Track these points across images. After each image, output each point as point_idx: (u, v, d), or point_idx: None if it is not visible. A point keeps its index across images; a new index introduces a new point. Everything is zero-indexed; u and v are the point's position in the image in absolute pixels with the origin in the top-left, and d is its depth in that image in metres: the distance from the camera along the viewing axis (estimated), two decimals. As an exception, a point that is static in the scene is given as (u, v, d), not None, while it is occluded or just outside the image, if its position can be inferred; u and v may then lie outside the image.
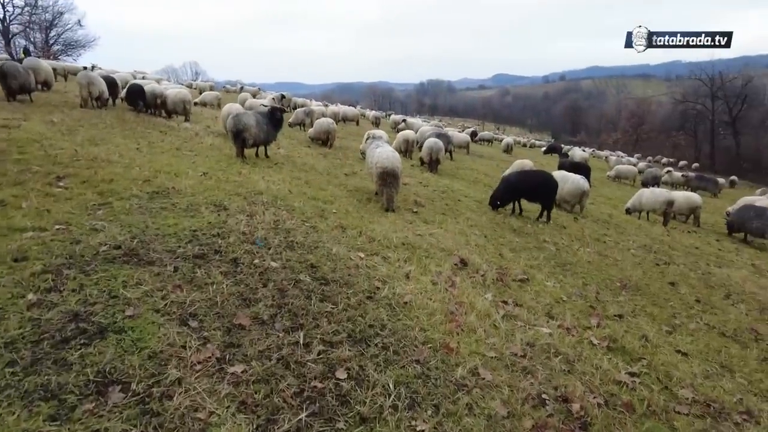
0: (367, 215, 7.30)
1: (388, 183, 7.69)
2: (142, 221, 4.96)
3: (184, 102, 14.71)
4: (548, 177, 9.38)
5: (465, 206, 9.64)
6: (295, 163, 10.30)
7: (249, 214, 5.88)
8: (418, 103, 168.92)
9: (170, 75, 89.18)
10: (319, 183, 8.76)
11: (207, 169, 7.92)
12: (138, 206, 5.45)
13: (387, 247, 5.98)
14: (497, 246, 7.25)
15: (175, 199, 5.95)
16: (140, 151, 8.51)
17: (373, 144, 8.47)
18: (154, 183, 6.45)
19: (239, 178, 7.78)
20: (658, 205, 12.62)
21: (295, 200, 7.07)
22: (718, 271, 8.78)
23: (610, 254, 8.27)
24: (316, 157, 12.01)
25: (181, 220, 5.18)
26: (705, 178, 27.69)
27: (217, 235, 4.91)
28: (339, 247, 5.41)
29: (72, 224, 4.60)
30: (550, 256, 7.35)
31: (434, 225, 7.57)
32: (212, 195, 6.41)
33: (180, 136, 10.82)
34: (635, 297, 6.44)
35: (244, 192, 6.93)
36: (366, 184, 9.79)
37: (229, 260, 4.40)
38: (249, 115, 9.15)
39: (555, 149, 36.76)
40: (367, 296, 4.35)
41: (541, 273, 6.47)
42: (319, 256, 4.99)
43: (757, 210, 12.45)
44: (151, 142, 9.59)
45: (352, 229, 6.33)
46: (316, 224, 6.14)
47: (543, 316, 5.06)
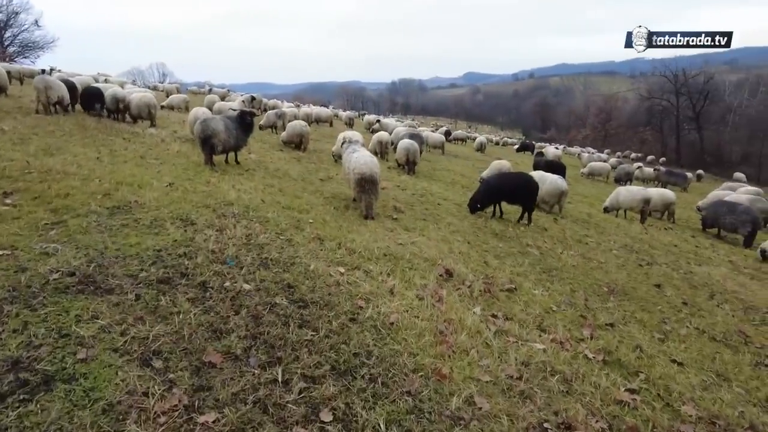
0: (345, 224, 6.97)
1: (367, 189, 7.38)
2: (100, 241, 4.52)
3: (149, 106, 14.08)
4: (528, 179, 9.23)
5: (445, 210, 9.40)
6: (267, 169, 9.87)
7: (218, 228, 5.49)
8: (391, 103, 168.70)
9: (136, 77, 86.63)
10: (294, 190, 8.38)
11: (173, 179, 7.45)
12: (96, 224, 4.99)
13: (368, 259, 5.67)
14: (481, 253, 7.03)
15: (137, 214, 5.50)
16: (101, 160, 7.97)
17: (349, 148, 8.14)
18: (115, 197, 5.97)
19: (207, 187, 7.35)
20: (636, 203, 12.68)
21: (268, 210, 6.69)
22: (698, 269, 8.78)
23: (593, 257, 8.16)
24: (289, 162, 11.59)
25: (144, 239, 4.76)
26: (674, 173, 28.31)
27: (184, 255, 4.52)
28: (317, 262, 5.08)
29: (18, 248, 4.13)
30: (535, 261, 7.17)
31: (416, 232, 7.30)
32: (178, 208, 5.98)
33: (145, 143, 10.26)
34: (623, 302, 6.32)
35: (213, 203, 6.51)
36: (343, 189, 9.46)
37: (197, 284, 4.01)
38: (217, 120, 8.69)
39: (527, 147, 37.19)
40: (350, 318, 4.04)
41: (527, 281, 6.27)
42: (296, 274, 4.65)
43: (730, 206, 12.66)
44: (113, 150, 9.03)
45: (330, 241, 5.99)
46: (292, 237, 5.78)
47: (534, 329, 4.85)
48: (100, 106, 13.09)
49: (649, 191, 12.84)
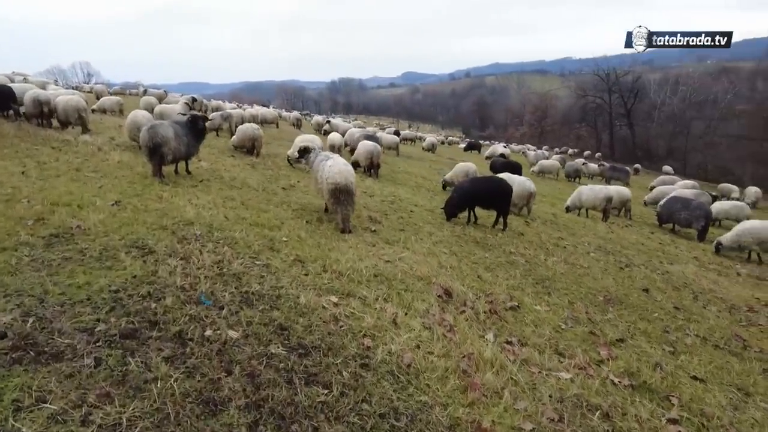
0: (324, 241, 6.30)
1: (342, 201, 6.74)
2: (38, 284, 3.62)
3: (78, 110, 12.62)
4: (502, 183, 8.92)
5: (420, 218, 8.92)
6: (222, 179, 8.96)
7: (183, 256, 4.68)
8: (333, 102, 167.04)
9: (57, 77, 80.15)
10: (258, 203, 7.58)
11: (119, 196, 6.46)
12: (30, 260, 4.06)
13: (359, 282, 5.06)
14: (470, 265, 6.59)
15: (82, 243, 4.58)
16: (27, 176, 6.81)
17: (319, 156, 7.45)
18: (50, 222, 4.98)
19: (160, 204, 6.42)
20: (598, 202, 12.82)
21: (234, 229, 5.90)
22: (672, 268, 8.83)
23: (575, 262, 7.96)
24: (244, 169, 10.67)
25: (94, 276, 3.89)
26: (617, 168, 29.55)
27: (149, 296, 3.71)
28: (305, 292, 4.41)
29: (-75, 303, 3.19)
30: (525, 271, 6.84)
31: (399, 245, 6.75)
32: (131, 232, 5.09)
33: (79, 153, 9.03)
34: (621, 311, 6.11)
35: (171, 224, 5.64)
36: (311, 199, 8.75)
37: (173, 335, 3.25)
38: (166, 126, 7.70)
39: (474, 146, 37.63)
40: (361, 364, 3.43)
41: (525, 295, 5.91)
42: (286, 310, 3.97)
43: (684, 202, 13.08)
44: (41, 162, 7.81)
45: (312, 263, 5.32)
46: (269, 261, 5.06)
47: (552, 354, 4.48)
48: (15, 111, 11.52)
49: (610, 190, 13.04)
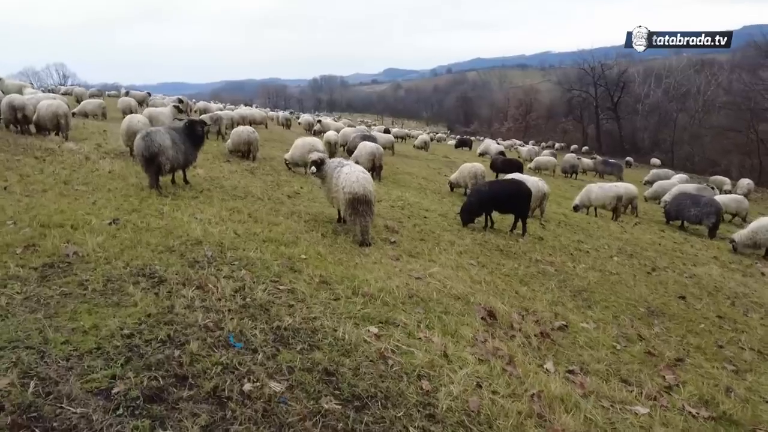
0: (344, 256, 5.78)
1: (361, 212, 6.22)
2: (36, 331, 3.05)
3: (58, 116, 11.83)
4: (522, 186, 8.49)
5: (435, 224, 8.44)
6: (223, 188, 8.35)
7: (198, 285, 4.12)
8: (316, 100, 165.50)
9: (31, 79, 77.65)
10: (266, 214, 7.01)
11: (116, 213, 5.85)
12: (24, 298, 3.47)
13: (394, 305, 4.56)
14: (503, 278, 6.14)
15: (81, 273, 4.00)
16: (10, 192, 6.14)
17: (333, 163, 6.90)
18: (43, 248, 4.37)
19: (163, 221, 5.83)
20: (608, 201, 12.48)
21: (248, 247, 5.35)
22: (698, 271, 8.52)
23: (603, 268, 7.58)
24: (243, 176, 10.06)
25: (102, 317, 3.32)
26: (610, 163, 29.41)
27: (170, 341, 3.16)
28: (341, 323, 3.90)
29: None
30: (560, 282, 6.42)
31: (423, 258, 6.26)
32: (135, 257, 4.52)
33: (65, 163, 8.33)
34: (667, 324, 5.73)
35: (177, 244, 5.07)
36: (318, 206, 8.21)
37: (206, 394, 2.71)
38: (162, 133, 7.07)
39: (465, 143, 37.29)
40: (427, 415, 2.95)
41: (567, 310, 5.50)
42: (327, 349, 3.45)
43: (693, 198, 12.83)
44: (25, 175, 7.12)
45: (339, 284, 4.80)
46: (294, 285, 4.53)
47: (618, 382, 4.07)
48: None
49: (620, 188, 12.71)
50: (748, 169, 38.45)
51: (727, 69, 54.58)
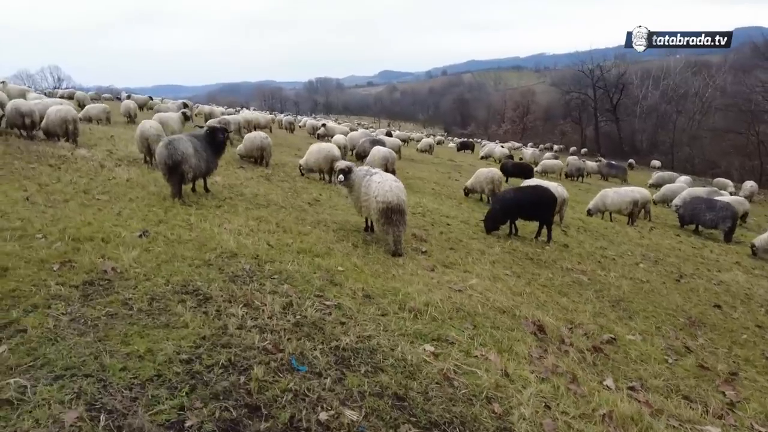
0: (380, 267, 5.63)
1: (395, 221, 6.07)
2: (91, 357, 2.88)
3: (67, 122, 11.66)
4: (546, 192, 8.36)
5: (460, 232, 8.30)
6: (244, 196, 8.17)
7: (245, 302, 3.95)
8: (312, 102, 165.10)
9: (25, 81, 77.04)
10: (293, 224, 6.84)
11: (143, 224, 5.67)
12: (70, 320, 3.29)
13: (442, 321, 4.41)
14: (541, 289, 6.01)
15: (123, 291, 3.82)
16: (32, 202, 5.95)
17: (361, 171, 6.75)
18: (79, 264, 4.19)
19: (192, 232, 5.65)
20: (624, 206, 12.36)
21: (284, 260, 5.19)
22: (724, 278, 8.43)
23: (633, 275, 7.48)
24: (260, 182, 9.88)
25: (154, 340, 3.16)
26: (614, 165, 29.38)
27: (231, 367, 2.99)
28: (396, 341, 3.75)
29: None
30: (596, 292, 6.31)
31: (458, 269, 6.12)
32: (174, 272, 4.34)
33: (80, 171, 8.13)
34: (709, 335, 5.63)
35: (213, 257, 4.90)
36: (342, 215, 8.05)
37: (284, 426, 2.55)
38: (185, 141, 6.89)
39: (467, 146, 37.21)
40: (507, 443, 2.78)
41: (611, 322, 5.40)
42: (391, 371, 3.30)
43: (709, 203, 12.76)
44: (43, 184, 6.93)
45: (382, 298, 4.66)
46: (339, 300, 4.38)
47: (679, 399, 3.95)
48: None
49: (635, 193, 12.60)
50: (748, 170, 38.55)
51: (724, 70, 54.86)
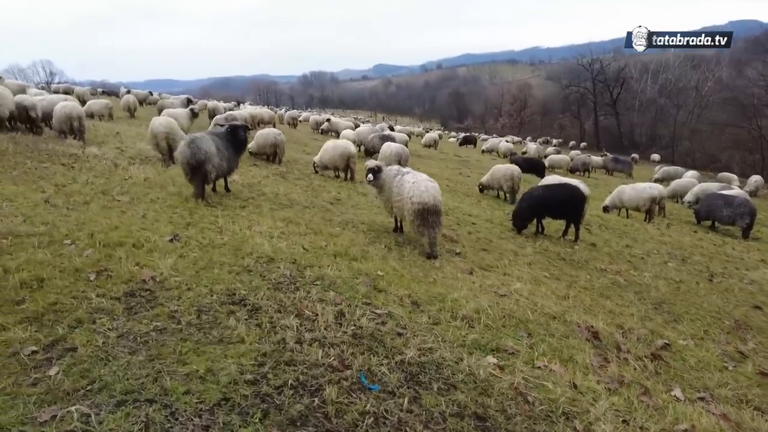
0: (418, 271, 5.43)
1: (431, 223, 5.86)
2: (149, 378, 2.67)
3: (71, 118, 11.35)
4: (575, 190, 8.17)
5: (487, 231, 8.10)
6: (265, 195, 7.92)
7: (296, 312, 3.74)
8: (308, 96, 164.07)
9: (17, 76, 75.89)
10: (322, 225, 6.62)
11: (170, 227, 5.43)
12: (118, 336, 3.07)
13: (496, 329, 4.23)
14: (583, 291, 5.84)
15: (167, 302, 3.59)
16: (53, 204, 5.68)
17: (392, 171, 6.53)
18: (115, 273, 3.95)
19: (223, 235, 5.41)
20: (642, 202, 12.17)
21: (322, 264, 4.97)
22: (753, 276, 8.28)
23: (665, 275, 7.33)
24: (276, 181, 9.63)
25: (212, 358, 2.95)
26: (620, 160, 29.24)
27: (300, 387, 2.79)
28: (460, 353, 3.57)
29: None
30: (636, 294, 6.16)
31: (497, 272, 5.93)
32: (215, 280, 4.12)
33: (94, 170, 7.85)
34: (757, 338, 5.47)
35: (252, 263, 4.67)
36: (367, 214, 7.84)
37: (374, 457, 2.33)
38: (207, 140, 6.63)
39: (470, 141, 36.99)
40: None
41: (659, 326, 5.29)
42: (465, 389, 3.12)
43: (726, 199, 12.62)
44: (60, 185, 6.66)
45: (430, 305, 4.46)
46: (388, 308, 4.18)
47: (751, 410, 3.77)
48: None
49: (654, 190, 12.41)
50: (749, 165, 38.55)
51: (724, 64, 54.85)
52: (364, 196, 9.53)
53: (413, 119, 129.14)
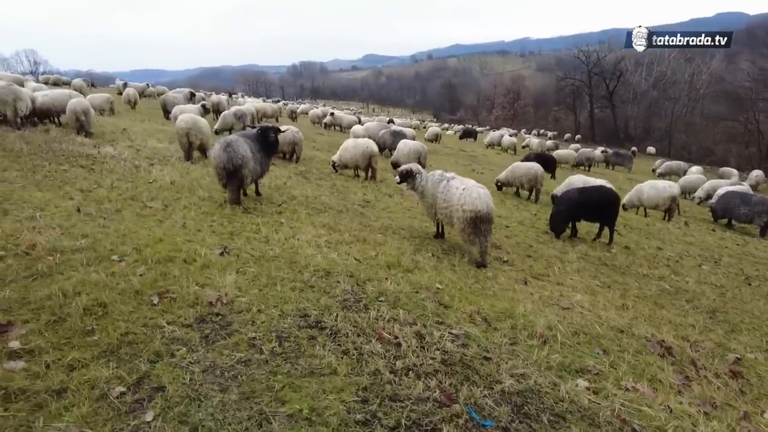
0: (474, 282, 5.25)
1: (483, 231, 5.66)
2: (252, 422, 2.47)
3: (76, 113, 11.01)
4: (611, 192, 8.02)
5: (524, 235, 7.94)
6: (297, 199, 7.65)
7: (377, 335, 3.53)
8: (299, 87, 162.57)
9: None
10: (364, 231, 6.39)
11: (215, 238, 5.17)
12: (202, 370, 2.85)
13: (572, 347, 4.08)
14: (637, 301, 5.70)
15: (242, 328, 3.37)
16: (85, 213, 5.38)
17: (434, 175, 6.32)
18: (178, 295, 3.70)
19: (271, 246, 5.17)
20: (662, 201, 12.05)
21: (379, 276, 4.78)
22: (790, 278, 8.17)
23: (705, 280, 7.23)
24: (299, 182, 9.34)
25: (310, 395, 2.75)
26: (621, 154, 29.21)
27: (415, 426, 2.60)
28: (551, 377, 3.41)
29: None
30: (688, 302, 6.01)
31: (549, 281, 5.77)
32: (282, 299, 3.90)
33: (116, 172, 7.52)
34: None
35: (310, 277, 4.46)
36: (399, 216, 7.63)
37: None
38: (242, 143, 6.33)
39: (470, 134, 36.78)
40: None
41: (721, 337, 5.15)
42: (571, 418, 2.99)
43: (743, 197, 12.59)
44: (86, 190, 6.34)
45: (500, 322, 4.29)
46: (461, 326, 4.02)
47: None
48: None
49: (674, 188, 12.30)
50: (745, 158, 38.89)
51: (717, 57, 55.06)
52: (390, 197, 9.31)
53: (406, 111, 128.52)
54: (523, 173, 11.46)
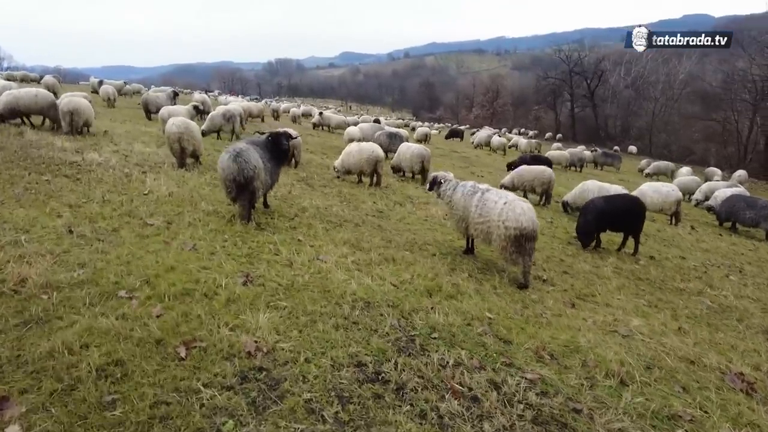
0: (522, 308, 4.76)
1: (527, 250, 5.17)
2: None
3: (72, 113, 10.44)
4: (637, 201, 7.66)
5: (550, 248, 7.49)
6: (308, 211, 7.03)
7: (451, 389, 3.01)
8: (276, 85, 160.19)
9: (-37, 62, 70.52)
10: (386, 248, 5.84)
11: (232, 264, 4.53)
12: (261, 454, 2.25)
13: (649, 385, 3.60)
14: (689, 322, 5.29)
15: (293, 387, 2.83)
16: (79, 235, 4.68)
17: (465, 186, 5.82)
18: (209, 344, 3.10)
19: (294, 270, 4.58)
20: (668, 205, 11.76)
21: (423, 306, 4.28)
22: (815, 287, 7.94)
23: (742, 293, 6.91)
24: (305, 190, 8.70)
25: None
26: (609, 154, 29.21)
27: None
28: None
29: None
30: (739, 322, 5.63)
31: (597, 302, 5.33)
32: (327, 342, 3.36)
33: (106, 182, 6.77)
34: None
35: (350, 310, 3.92)
36: (417, 228, 7.11)
37: None
38: (253, 152, 5.68)
39: (456, 134, 36.44)
40: None
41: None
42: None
43: (748, 201, 12.44)
44: (74, 205, 5.61)
45: (568, 359, 3.84)
46: (531, 367, 3.54)
47: None
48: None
49: (677, 191, 12.04)
50: (724, 157, 39.61)
51: (693, 58, 56.03)
52: (402, 206, 8.76)
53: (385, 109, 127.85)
54: (536, 176, 11.02)
